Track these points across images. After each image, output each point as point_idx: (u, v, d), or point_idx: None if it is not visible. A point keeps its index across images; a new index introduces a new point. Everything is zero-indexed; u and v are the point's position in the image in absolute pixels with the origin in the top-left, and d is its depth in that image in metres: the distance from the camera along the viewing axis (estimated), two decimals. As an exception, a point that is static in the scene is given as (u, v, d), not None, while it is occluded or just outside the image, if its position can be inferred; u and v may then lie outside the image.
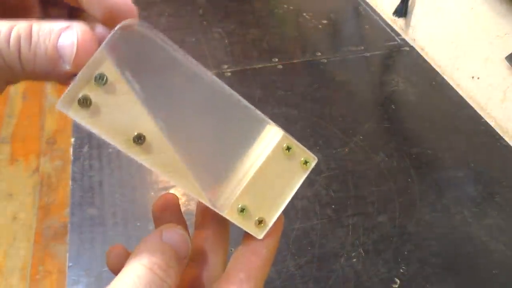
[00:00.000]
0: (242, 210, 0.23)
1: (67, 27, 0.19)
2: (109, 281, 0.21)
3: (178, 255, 0.22)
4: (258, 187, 0.24)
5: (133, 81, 0.20)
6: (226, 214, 0.23)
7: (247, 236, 0.25)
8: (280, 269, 0.48)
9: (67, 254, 0.49)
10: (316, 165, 0.25)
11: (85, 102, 0.19)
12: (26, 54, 0.19)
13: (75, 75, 0.19)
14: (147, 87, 0.20)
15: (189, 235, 0.25)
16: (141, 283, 0.20)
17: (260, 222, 0.24)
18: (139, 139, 0.20)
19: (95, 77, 0.19)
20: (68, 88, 0.19)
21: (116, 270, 0.24)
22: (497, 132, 0.66)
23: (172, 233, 0.23)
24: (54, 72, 0.19)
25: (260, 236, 0.24)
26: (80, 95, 0.19)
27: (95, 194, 0.55)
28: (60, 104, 0.19)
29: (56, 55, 0.19)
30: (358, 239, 0.51)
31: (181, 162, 0.21)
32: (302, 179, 0.25)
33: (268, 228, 0.24)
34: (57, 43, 0.19)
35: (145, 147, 0.21)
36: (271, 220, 0.24)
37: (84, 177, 0.57)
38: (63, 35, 0.19)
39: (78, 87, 0.19)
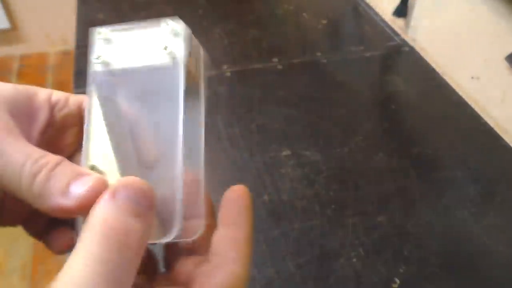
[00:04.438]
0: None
1: (78, 176, 0.22)
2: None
3: (138, 211, 0.20)
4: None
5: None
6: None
7: (213, 247, 0.24)
8: (280, 269, 0.48)
9: (67, 254, 0.49)
10: (316, 165, 0.25)
11: None
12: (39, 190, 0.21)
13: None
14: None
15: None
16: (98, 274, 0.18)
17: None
18: None
19: None
20: None
21: None
22: (497, 132, 0.66)
23: (125, 190, 0.20)
24: (60, 208, 0.22)
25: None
26: None
27: (95, 194, 0.55)
28: None
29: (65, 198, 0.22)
30: (358, 239, 0.51)
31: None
32: None
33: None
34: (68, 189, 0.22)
35: None
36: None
37: (84, 177, 0.57)
38: (73, 184, 0.22)
39: None
